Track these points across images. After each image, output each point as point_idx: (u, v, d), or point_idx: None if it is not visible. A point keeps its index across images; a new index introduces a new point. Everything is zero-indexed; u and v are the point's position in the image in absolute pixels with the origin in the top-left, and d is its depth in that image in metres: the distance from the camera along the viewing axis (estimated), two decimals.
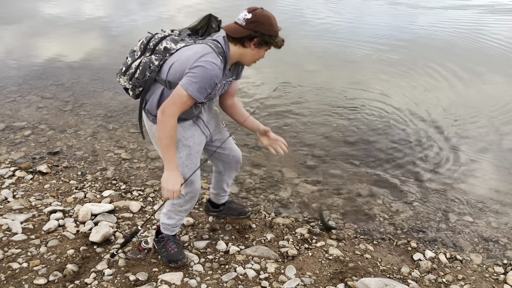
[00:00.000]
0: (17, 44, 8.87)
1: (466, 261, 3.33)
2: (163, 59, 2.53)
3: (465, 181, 4.37)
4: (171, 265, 2.95)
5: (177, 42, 2.57)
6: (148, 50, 2.59)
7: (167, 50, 2.53)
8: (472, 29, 9.99)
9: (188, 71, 2.36)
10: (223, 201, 3.44)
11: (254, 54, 2.54)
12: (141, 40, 2.65)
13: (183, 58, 2.43)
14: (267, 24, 2.45)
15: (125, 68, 2.63)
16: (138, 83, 2.59)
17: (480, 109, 5.91)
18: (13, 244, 3.12)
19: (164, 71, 2.50)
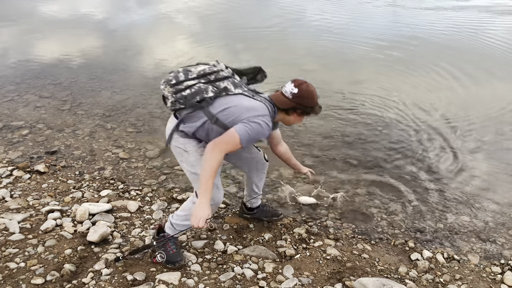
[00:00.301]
0: (15, 43, 8.85)
1: (464, 261, 3.34)
2: (219, 95, 2.70)
3: (462, 181, 4.38)
4: (169, 265, 2.95)
5: (236, 86, 2.77)
6: (206, 79, 2.74)
7: (226, 90, 2.72)
8: (470, 29, 10.01)
9: (245, 121, 2.60)
10: (256, 204, 3.55)
11: (295, 120, 2.93)
12: (202, 67, 2.78)
13: (242, 107, 2.66)
14: (310, 98, 2.82)
15: (175, 81, 2.74)
16: (183, 101, 2.70)
17: (478, 110, 5.92)
18: (11, 243, 3.11)
19: (216, 107, 2.67)
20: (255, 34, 9.69)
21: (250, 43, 9.01)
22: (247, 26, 10.17)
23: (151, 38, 9.23)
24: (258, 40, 9.17)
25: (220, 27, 10.47)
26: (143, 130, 5.29)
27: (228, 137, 2.58)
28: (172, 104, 2.76)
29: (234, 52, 8.32)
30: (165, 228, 3.04)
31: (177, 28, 10.20)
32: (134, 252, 2.98)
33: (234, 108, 2.65)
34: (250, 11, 12.11)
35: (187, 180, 4.26)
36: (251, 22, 10.62)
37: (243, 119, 2.61)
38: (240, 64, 3.14)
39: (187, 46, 8.77)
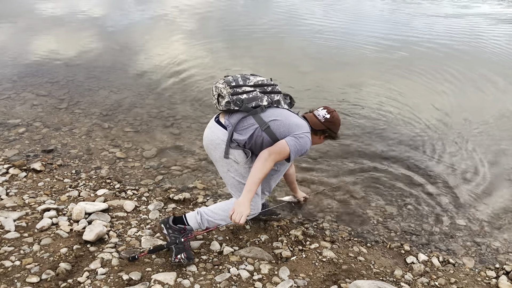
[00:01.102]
0: (13, 41, 8.83)
1: (459, 264, 3.35)
2: (271, 106, 3.01)
3: (458, 185, 4.40)
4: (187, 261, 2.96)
5: (285, 103, 3.15)
6: (263, 89, 3.01)
7: (278, 102, 3.07)
8: (468, 34, 10.06)
9: (295, 135, 2.88)
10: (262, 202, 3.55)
11: (318, 142, 3.26)
12: (260, 78, 3.05)
13: (292, 123, 2.95)
14: (338, 125, 3.23)
15: (235, 84, 2.94)
16: (239, 103, 2.91)
17: (475, 113, 5.95)
18: (6, 242, 3.10)
19: (268, 116, 2.93)
20: (252, 35, 9.71)
21: (247, 43, 9.02)
22: (244, 27, 10.18)
23: (149, 38, 9.22)
24: (254, 41, 9.18)
25: (217, 27, 10.48)
26: (140, 130, 5.28)
27: (280, 148, 2.83)
28: (227, 104, 2.93)
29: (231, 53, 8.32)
30: (189, 220, 3.11)
31: (174, 28, 10.20)
32: (155, 250, 2.98)
33: (286, 121, 2.93)
34: (247, 12, 12.12)
35: (184, 180, 4.28)
36: (248, 23, 10.63)
37: (293, 133, 2.88)
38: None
39: (184, 46, 8.78)
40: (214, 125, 3.04)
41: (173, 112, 5.73)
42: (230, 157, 2.98)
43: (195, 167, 4.54)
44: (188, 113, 5.73)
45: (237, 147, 2.96)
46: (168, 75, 7.05)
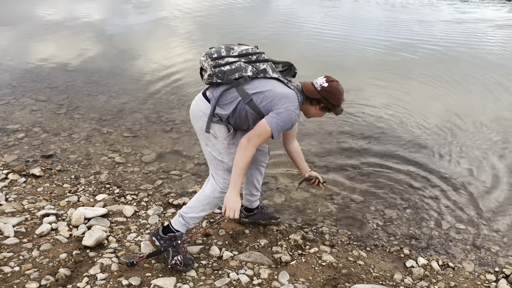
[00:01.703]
0: (12, 46, 8.84)
1: (458, 268, 3.35)
2: (257, 76, 2.81)
3: (457, 188, 4.40)
4: (183, 268, 2.96)
5: (273, 71, 2.89)
6: (247, 58, 2.81)
7: (265, 72, 2.83)
8: (467, 39, 10.10)
9: (276, 110, 2.70)
10: (256, 205, 3.57)
11: (315, 113, 2.99)
12: (244, 46, 2.87)
13: (276, 94, 2.74)
14: (336, 96, 2.89)
15: (217, 55, 2.79)
16: (221, 75, 2.77)
17: (474, 118, 5.96)
18: (5, 247, 3.10)
19: (252, 88, 2.76)
20: (251, 39, 9.72)
21: None
22: (243, 30, 10.21)
23: (148, 43, 9.25)
24: (253, 44, 9.19)
25: (216, 30, 10.50)
26: (139, 134, 5.29)
27: (260, 130, 2.69)
28: (209, 77, 2.82)
29: None
30: (175, 226, 3.05)
31: (173, 32, 10.23)
32: (153, 254, 2.99)
33: (268, 93, 2.74)
34: (246, 16, 12.16)
35: (183, 185, 4.28)
36: (247, 26, 10.66)
37: (275, 107, 2.71)
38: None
39: (182, 50, 8.79)
40: (200, 98, 2.94)
41: (172, 117, 5.74)
42: (210, 131, 2.88)
43: (195, 171, 4.54)
44: (187, 117, 5.71)
45: (220, 121, 2.86)
46: (167, 79, 7.06)
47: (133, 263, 2.94)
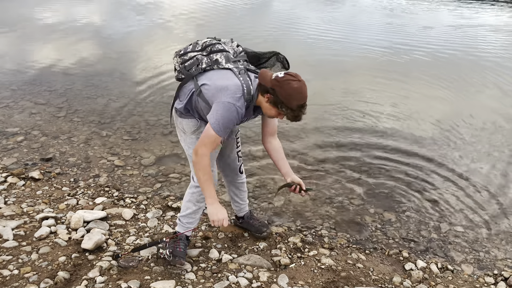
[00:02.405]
0: (11, 49, 8.84)
1: (457, 271, 3.35)
2: (210, 67, 2.74)
3: (456, 191, 4.41)
4: (170, 258, 2.99)
5: (228, 61, 2.74)
6: (206, 51, 2.78)
7: (217, 62, 2.73)
8: (465, 44, 10.13)
9: (216, 105, 2.57)
10: (242, 214, 3.51)
11: (267, 108, 2.63)
12: (208, 39, 2.85)
13: (216, 85, 2.62)
14: (287, 92, 2.49)
15: (183, 51, 2.83)
16: (184, 71, 2.79)
17: (473, 121, 5.97)
18: (4, 250, 3.10)
19: (203, 79, 2.71)
20: (251, 42, 9.73)
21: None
22: (243, 34, 10.22)
23: (147, 46, 9.25)
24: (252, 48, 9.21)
25: (216, 34, 10.50)
26: (138, 137, 5.29)
27: (205, 134, 2.59)
28: (177, 74, 2.86)
29: None
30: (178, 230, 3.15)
31: (173, 35, 10.24)
32: (137, 249, 3.00)
33: (213, 85, 2.64)
34: (245, 19, 12.18)
35: (182, 188, 4.29)
36: (247, 31, 10.68)
37: (215, 101, 2.58)
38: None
39: None
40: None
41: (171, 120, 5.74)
42: (179, 126, 2.92)
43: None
44: None
45: (184, 115, 2.84)
46: (166, 83, 7.06)
47: (118, 256, 2.97)
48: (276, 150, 2.99)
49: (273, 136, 2.99)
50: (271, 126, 2.94)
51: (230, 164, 3.21)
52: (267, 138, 2.98)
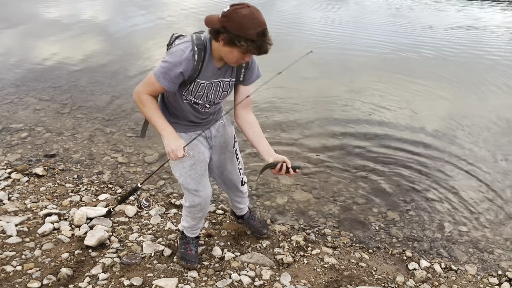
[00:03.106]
0: (16, 45, 8.86)
1: (461, 271, 3.33)
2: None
3: (461, 191, 4.38)
4: (182, 262, 3.02)
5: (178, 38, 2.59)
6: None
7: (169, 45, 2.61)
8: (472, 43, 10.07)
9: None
10: (241, 213, 3.44)
11: (227, 53, 2.28)
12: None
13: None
14: (238, 23, 2.17)
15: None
16: None
17: (479, 120, 5.94)
18: (8, 246, 3.11)
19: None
20: None
21: None
22: None
23: (151, 43, 9.25)
24: None
25: None
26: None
27: (146, 79, 2.43)
28: None
29: None
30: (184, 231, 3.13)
31: (177, 32, 10.22)
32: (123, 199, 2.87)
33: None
34: None
35: None
36: None
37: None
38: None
39: None
40: None
41: None
42: None
43: None
44: None
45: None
46: None
47: (110, 211, 2.96)
48: (251, 124, 2.66)
49: (246, 109, 2.67)
50: (243, 96, 2.61)
51: (232, 179, 3.05)
52: (239, 111, 2.66)
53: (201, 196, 2.81)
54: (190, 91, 2.47)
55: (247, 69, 2.55)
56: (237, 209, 3.40)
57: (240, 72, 2.54)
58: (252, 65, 2.56)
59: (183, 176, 2.72)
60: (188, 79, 2.40)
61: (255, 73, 2.62)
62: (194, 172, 2.72)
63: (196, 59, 2.34)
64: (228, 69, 2.50)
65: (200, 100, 2.53)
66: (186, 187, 2.77)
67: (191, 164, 2.70)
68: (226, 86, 2.57)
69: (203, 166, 2.76)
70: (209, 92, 2.51)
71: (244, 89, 2.63)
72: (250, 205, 3.55)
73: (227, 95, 2.63)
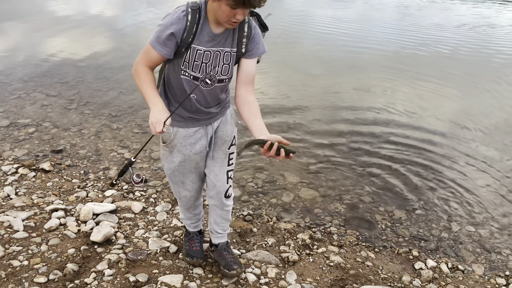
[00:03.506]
0: (23, 41, 8.90)
1: (468, 271, 3.31)
2: None
3: (468, 190, 4.35)
4: (187, 258, 2.99)
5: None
6: None
7: None
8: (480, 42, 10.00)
9: None
10: (217, 241, 2.96)
11: (217, 9, 2.11)
12: None
13: None
14: None
15: None
16: None
17: (487, 119, 5.89)
18: (14, 241, 3.12)
19: None
20: None
21: None
22: None
23: None
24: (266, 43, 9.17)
25: None
26: (148, 131, 5.28)
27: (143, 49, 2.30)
28: None
29: None
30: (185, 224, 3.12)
31: None
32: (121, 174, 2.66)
33: None
34: None
35: None
36: None
37: None
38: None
39: None
40: None
41: None
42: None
43: None
44: None
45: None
46: None
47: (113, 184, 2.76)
48: (248, 104, 2.35)
49: (246, 88, 2.38)
50: (244, 71, 2.37)
51: (216, 184, 2.65)
52: (239, 90, 2.37)
53: (187, 189, 2.71)
54: (187, 62, 2.27)
55: (249, 40, 2.33)
56: (215, 234, 2.92)
57: (241, 42, 2.31)
58: (255, 36, 2.33)
59: (170, 170, 2.63)
60: (183, 43, 2.22)
61: (259, 47, 2.38)
62: (183, 168, 2.61)
63: (189, 20, 2.19)
64: (228, 37, 2.29)
65: (199, 73, 2.29)
66: (173, 180, 2.68)
67: (181, 160, 2.57)
68: (227, 58, 2.32)
69: (193, 164, 2.61)
70: (207, 63, 2.28)
71: (246, 64, 2.37)
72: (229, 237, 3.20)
73: (229, 69, 2.35)
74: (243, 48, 2.33)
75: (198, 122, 2.50)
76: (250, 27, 2.29)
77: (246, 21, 2.28)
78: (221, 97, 2.50)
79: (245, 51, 2.34)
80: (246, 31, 2.29)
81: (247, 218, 3.72)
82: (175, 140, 2.52)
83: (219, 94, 2.46)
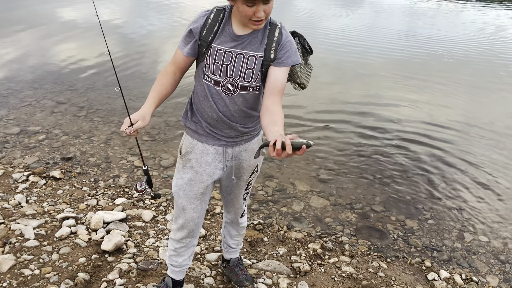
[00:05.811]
0: (33, 48, 8.96)
1: (482, 283, 3.26)
2: None
3: (481, 200, 4.30)
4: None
5: None
6: None
7: None
8: (490, 48, 9.94)
9: None
10: (229, 256, 2.96)
11: (236, 10, 2.08)
12: None
13: None
14: None
15: None
16: None
17: (497, 126, 5.84)
18: (26, 250, 3.11)
19: None
20: None
21: None
22: None
23: (168, 45, 9.29)
24: None
25: None
26: (158, 138, 5.29)
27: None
28: None
29: None
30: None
31: None
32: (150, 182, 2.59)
33: None
34: None
35: None
36: None
37: None
38: None
39: None
40: None
41: None
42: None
43: None
44: None
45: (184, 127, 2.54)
46: (186, 83, 7.07)
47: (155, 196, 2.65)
48: (271, 113, 2.10)
49: (272, 98, 2.14)
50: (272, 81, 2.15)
51: (235, 204, 2.64)
52: (265, 100, 2.15)
53: (185, 218, 2.45)
54: (208, 64, 2.18)
55: (279, 46, 2.17)
56: (228, 249, 2.92)
57: (270, 48, 2.16)
58: (286, 43, 2.18)
59: (177, 187, 2.44)
60: (203, 41, 2.17)
61: (290, 56, 2.18)
62: (190, 190, 2.40)
63: (211, 18, 2.16)
64: (254, 41, 2.16)
65: (220, 76, 2.17)
66: (176, 200, 2.46)
67: (190, 178, 2.39)
68: (252, 62, 2.16)
69: (201, 189, 2.40)
70: (228, 64, 2.15)
71: (274, 72, 2.16)
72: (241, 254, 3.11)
73: (252, 76, 2.17)
74: (272, 54, 2.16)
75: (218, 141, 2.33)
76: (281, 33, 2.17)
77: (278, 26, 2.18)
78: (247, 111, 2.27)
79: (273, 57, 2.16)
80: (277, 36, 2.16)
81: (258, 227, 3.70)
82: (192, 154, 2.38)
83: (243, 106, 2.24)
